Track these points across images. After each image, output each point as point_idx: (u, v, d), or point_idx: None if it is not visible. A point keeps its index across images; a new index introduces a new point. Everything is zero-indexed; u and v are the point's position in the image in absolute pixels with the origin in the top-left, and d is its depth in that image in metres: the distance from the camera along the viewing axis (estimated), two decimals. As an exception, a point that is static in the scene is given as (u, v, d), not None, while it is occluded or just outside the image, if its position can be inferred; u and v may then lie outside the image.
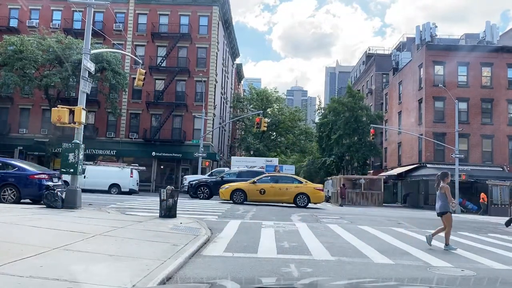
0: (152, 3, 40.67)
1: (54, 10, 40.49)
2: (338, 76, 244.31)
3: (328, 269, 6.22)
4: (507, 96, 37.35)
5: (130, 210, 14.20)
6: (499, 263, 7.30)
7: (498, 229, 14.84)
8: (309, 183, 22.21)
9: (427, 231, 12.09)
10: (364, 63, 63.29)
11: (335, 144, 46.50)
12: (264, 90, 49.18)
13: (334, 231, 10.84)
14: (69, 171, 13.34)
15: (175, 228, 9.35)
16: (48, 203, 12.45)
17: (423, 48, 38.87)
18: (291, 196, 20.63)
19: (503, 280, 5.87)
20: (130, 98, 39.80)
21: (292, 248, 7.92)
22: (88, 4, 15.07)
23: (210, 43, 40.49)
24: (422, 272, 6.23)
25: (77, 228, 8.32)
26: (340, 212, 20.26)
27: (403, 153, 42.73)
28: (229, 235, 9.29)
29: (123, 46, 37.91)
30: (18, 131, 38.96)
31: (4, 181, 14.04)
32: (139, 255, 6.10)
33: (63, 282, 4.37)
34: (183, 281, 5.15)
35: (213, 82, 40.20)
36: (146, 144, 39.04)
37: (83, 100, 14.01)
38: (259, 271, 5.89)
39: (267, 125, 34.38)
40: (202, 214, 13.89)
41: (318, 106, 57.98)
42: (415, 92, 40.10)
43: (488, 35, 41.17)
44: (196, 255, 6.75)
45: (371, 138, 36.30)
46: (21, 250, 5.76)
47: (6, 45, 31.25)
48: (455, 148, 31.80)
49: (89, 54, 14.58)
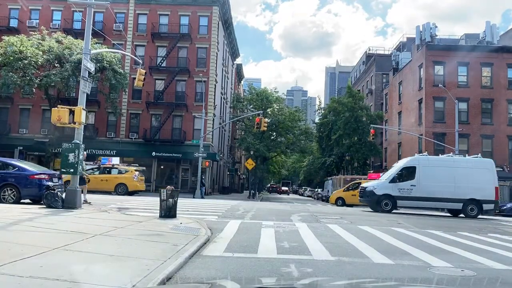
0: (152, 3, 40.68)
1: (54, 10, 40.52)
2: (338, 76, 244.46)
3: (328, 269, 6.22)
4: (507, 96, 37.37)
5: (130, 210, 14.20)
6: (499, 263, 7.29)
7: (498, 229, 14.83)
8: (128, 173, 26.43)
9: (427, 231, 12.09)
10: (364, 63, 63.33)
11: (335, 144, 46.55)
12: (264, 90, 49.15)
13: (334, 231, 10.84)
14: (69, 171, 13.34)
15: (175, 228, 9.35)
16: (48, 203, 12.45)
17: (423, 48, 38.89)
18: (112, 186, 25.53)
19: (503, 280, 5.88)
20: (130, 98, 39.82)
21: (292, 248, 7.91)
22: (88, 4, 15.06)
23: (210, 43, 40.51)
24: (422, 272, 6.22)
25: (77, 228, 8.32)
26: (340, 212, 20.26)
27: (403, 153, 42.71)
28: (229, 235, 9.29)
29: (123, 46, 37.91)
30: (18, 131, 38.98)
31: (4, 181, 14.04)
32: (139, 255, 6.10)
33: (63, 282, 4.37)
34: (183, 281, 5.15)
35: (213, 82, 40.21)
36: (146, 144, 39.05)
37: (83, 100, 14.00)
38: (259, 271, 5.89)
39: (267, 125, 34.35)
40: (202, 214, 13.90)
41: (318, 106, 58.05)
42: (415, 92, 40.12)
43: (488, 35, 41.20)
44: (196, 255, 6.75)
45: (371, 138, 36.31)
46: (21, 250, 5.76)
47: (6, 45, 31.23)
48: (455, 148, 31.78)
49: (89, 54, 14.57)
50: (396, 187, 21.32)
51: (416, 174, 21.40)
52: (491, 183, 21.34)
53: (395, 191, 21.23)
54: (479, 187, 21.11)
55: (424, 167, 21.55)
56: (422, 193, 20.89)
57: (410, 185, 21.24)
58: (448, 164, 21.99)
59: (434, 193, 20.82)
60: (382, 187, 21.75)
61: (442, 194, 20.85)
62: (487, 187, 21.16)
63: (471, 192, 21.04)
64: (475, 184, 21.13)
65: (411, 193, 21.11)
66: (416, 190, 21.06)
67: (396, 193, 21.21)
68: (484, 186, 21.18)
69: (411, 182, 21.30)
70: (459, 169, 21.52)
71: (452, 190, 20.92)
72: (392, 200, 21.25)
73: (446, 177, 21.19)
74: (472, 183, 21.17)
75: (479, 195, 21.04)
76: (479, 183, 21.20)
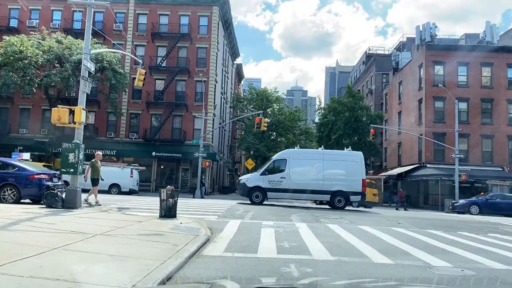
0: (152, 3, 40.69)
1: (54, 10, 40.52)
2: (338, 76, 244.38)
3: (328, 269, 6.22)
4: (507, 96, 37.36)
5: (130, 210, 14.20)
6: (499, 263, 7.30)
7: (498, 229, 14.84)
8: None
9: (427, 231, 12.10)
10: (364, 63, 63.30)
11: (335, 144, 46.43)
12: (264, 90, 49.18)
13: (334, 231, 10.84)
14: (69, 171, 13.34)
15: (175, 228, 9.35)
16: (48, 203, 12.45)
17: (423, 48, 38.88)
18: None
19: (503, 280, 5.87)
20: (130, 98, 39.82)
21: (292, 248, 7.91)
22: (88, 4, 15.06)
23: (210, 43, 40.51)
24: (422, 272, 6.23)
25: (77, 228, 8.32)
26: (340, 212, 20.25)
27: (403, 153, 42.75)
28: (229, 235, 9.29)
29: (123, 46, 37.91)
30: (18, 131, 38.97)
31: (4, 181, 14.03)
32: (139, 255, 6.10)
33: (63, 282, 4.37)
34: (183, 281, 5.15)
35: (213, 82, 40.22)
36: (146, 144, 39.04)
37: (83, 100, 14.01)
38: (259, 271, 5.89)
39: (267, 125, 34.34)
40: (202, 214, 13.91)
41: (318, 106, 57.96)
42: (415, 92, 40.11)
43: (488, 35, 41.20)
44: (196, 255, 6.75)
45: (371, 138, 36.29)
46: (21, 250, 5.76)
47: (6, 45, 31.23)
48: (455, 148, 31.81)
49: (89, 54, 14.58)
50: (267, 179, 21.81)
51: (286, 166, 21.89)
52: (359, 176, 21.72)
53: (266, 183, 21.74)
54: (347, 179, 21.65)
55: (294, 160, 22.03)
56: (292, 185, 21.30)
57: (280, 177, 21.72)
58: (317, 157, 22.45)
59: (303, 185, 21.19)
60: (253, 180, 22.25)
61: (311, 186, 21.26)
62: (355, 179, 21.59)
63: (338, 184, 21.58)
64: (343, 177, 21.73)
65: (280, 185, 21.60)
66: (285, 182, 21.52)
67: (267, 185, 21.70)
68: (351, 179, 21.65)
69: (281, 174, 21.81)
70: (328, 161, 21.99)
71: (321, 182, 21.47)
72: (263, 192, 21.72)
73: (315, 169, 21.81)
74: (340, 175, 21.81)
75: (346, 187, 21.54)
76: (347, 175, 21.75)
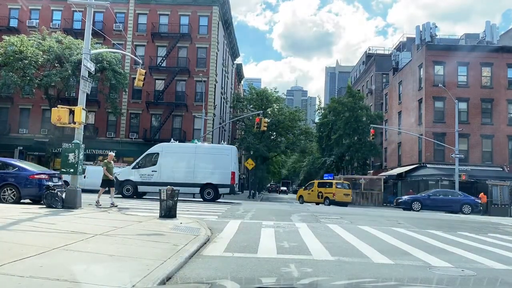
0: (152, 3, 40.68)
1: (54, 10, 40.51)
2: (338, 76, 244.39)
3: (328, 269, 6.22)
4: (507, 96, 37.35)
5: (130, 210, 14.20)
6: (499, 263, 7.30)
7: (498, 229, 14.84)
8: None
9: (427, 231, 12.09)
10: (364, 63, 63.30)
11: (335, 144, 46.48)
12: (264, 90, 49.13)
13: (334, 231, 10.84)
14: (69, 171, 13.33)
15: (175, 228, 9.35)
16: (48, 203, 12.45)
17: (423, 48, 38.87)
18: None
19: (503, 280, 5.88)
20: (130, 98, 39.81)
21: (292, 248, 7.92)
22: (88, 4, 15.06)
23: (210, 43, 40.51)
24: (422, 272, 6.23)
25: (77, 228, 8.32)
26: (340, 212, 20.26)
27: (403, 153, 42.73)
28: (229, 235, 9.29)
29: (123, 46, 37.90)
30: (18, 131, 38.96)
31: (4, 181, 14.03)
32: (139, 255, 6.10)
33: (63, 282, 4.37)
34: (183, 281, 5.15)
35: (213, 82, 40.22)
36: (146, 144, 38.86)
37: (83, 100, 14.01)
38: (259, 271, 5.89)
39: (267, 125, 34.31)
40: (202, 214, 13.90)
41: (318, 106, 57.95)
42: (415, 92, 40.10)
43: (488, 35, 41.19)
44: (196, 255, 6.76)
45: (371, 138, 36.29)
46: (21, 250, 5.76)
47: (6, 45, 31.23)
48: (455, 148, 31.81)
49: (89, 54, 14.58)
50: (138, 173, 21.91)
51: (158, 160, 22.07)
52: (228, 168, 22.01)
53: (137, 176, 21.82)
54: (217, 172, 21.90)
55: (167, 153, 22.25)
56: (163, 178, 21.18)
57: (152, 171, 21.85)
58: (189, 151, 22.72)
59: (174, 178, 21.04)
60: (124, 173, 22.25)
61: (181, 179, 21.19)
62: (224, 173, 21.87)
63: (208, 177, 21.84)
64: (213, 170, 21.96)
65: (152, 178, 21.68)
66: (157, 175, 21.63)
67: (138, 178, 21.77)
68: (221, 171, 21.91)
69: (152, 168, 21.97)
70: (200, 155, 22.27)
71: (191, 175, 21.67)
72: (134, 185, 21.73)
73: (186, 163, 22.05)
74: (210, 168, 22.03)
75: (216, 180, 21.82)
76: (217, 168, 21.99)
